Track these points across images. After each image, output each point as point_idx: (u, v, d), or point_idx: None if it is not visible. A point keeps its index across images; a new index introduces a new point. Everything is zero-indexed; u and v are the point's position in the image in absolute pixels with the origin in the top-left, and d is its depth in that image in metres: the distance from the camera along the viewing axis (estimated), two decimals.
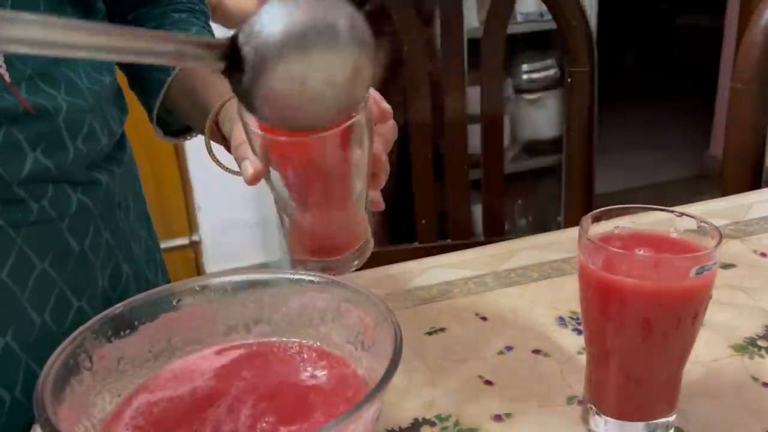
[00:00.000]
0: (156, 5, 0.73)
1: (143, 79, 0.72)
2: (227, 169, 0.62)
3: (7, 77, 0.53)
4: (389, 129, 0.54)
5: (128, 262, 0.67)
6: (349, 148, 0.47)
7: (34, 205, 0.55)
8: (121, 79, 0.70)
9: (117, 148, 0.66)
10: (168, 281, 0.78)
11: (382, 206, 0.55)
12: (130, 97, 0.76)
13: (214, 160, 0.63)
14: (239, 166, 0.52)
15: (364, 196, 0.52)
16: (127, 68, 0.74)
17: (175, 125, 0.76)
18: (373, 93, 0.50)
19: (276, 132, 0.45)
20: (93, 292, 0.62)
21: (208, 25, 0.76)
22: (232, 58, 0.32)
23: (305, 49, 0.32)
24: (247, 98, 0.33)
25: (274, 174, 0.49)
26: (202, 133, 0.68)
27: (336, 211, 0.52)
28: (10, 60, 0.53)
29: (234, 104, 0.60)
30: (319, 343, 0.45)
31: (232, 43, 0.32)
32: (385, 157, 0.53)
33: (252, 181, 0.50)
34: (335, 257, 0.53)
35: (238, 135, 0.53)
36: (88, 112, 0.59)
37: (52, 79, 0.56)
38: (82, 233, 0.60)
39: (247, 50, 0.32)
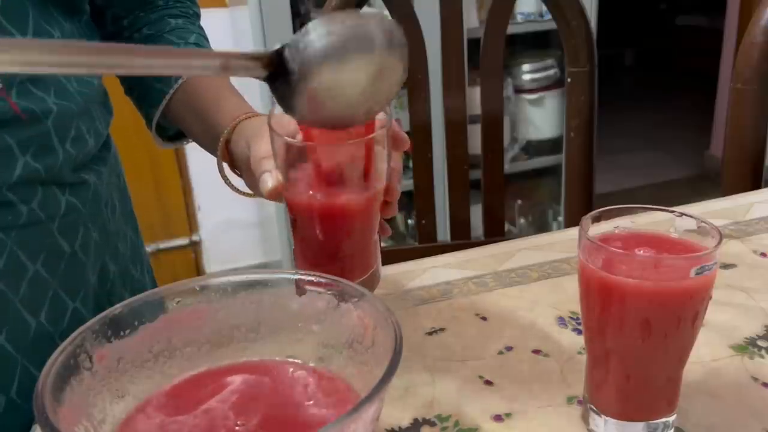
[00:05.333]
0: (152, 10, 0.72)
1: (142, 89, 0.72)
2: (237, 190, 0.64)
3: None
4: (399, 162, 0.55)
5: (114, 261, 0.67)
6: (372, 161, 0.50)
7: (24, 208, 0.55)
8: (107, 81, 0.70)
9: (102, 148, 0.66)
10: (153, 280, 0.78)
11: (389, 232, 0.58)
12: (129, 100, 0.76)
13: (226, 183, 0.64)
14: (258, 179, 0.53)
15: (377, 223, 0.54)
16: (123, 76, 0.74)
17: (171, 130, 0.76)
18: (394, 122, 0.53)
19: (308, 135, 0.50)
20: (86, 292, 0.62)
21: (202, 28, 0.76)
22: (276, 67, 0.38)
23: (343, 61, 0.39)
24: (287, 101, 0.39)
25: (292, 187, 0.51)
26: (206, 147, 0.69)
27: (351, 233, 0.53)
28: None
29: (245, 124, 0.61)
30: (318, 346, 0.45)
31: (278, 56, 0.38)
32: (398, 188, 0.54)
33: (271, 194, 0.51)
34: None
35: (260, 149, 0.54)
36: (77, 115, 0.59)
37: (42, 83, 0.56)
38: (72, 234, 0.60)
39: (293, 63, 0.38)
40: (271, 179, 0.51)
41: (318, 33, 0.38)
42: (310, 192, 0.50)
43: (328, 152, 0.51)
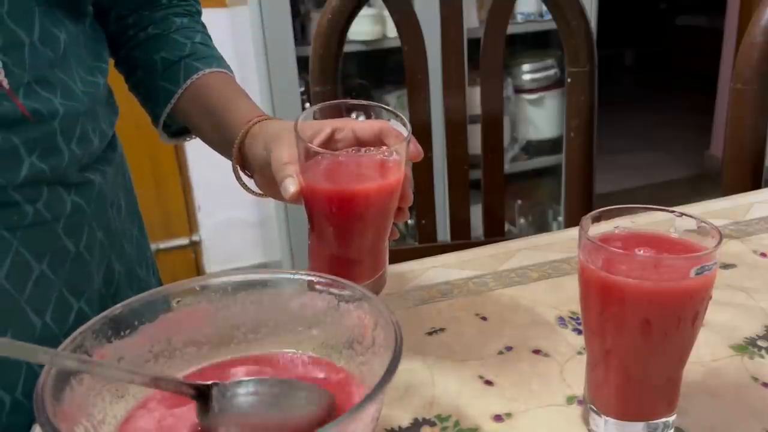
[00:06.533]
0: (156, 8, 0.73)
1: (149, 87, 0.72)
2: (250, 190, 0.65)
3: (5, 84, 0.53)
4: (409, 169, 0.57)
5: (120, 261, 0.67)
6: (390, 169, 0.52)
7: (29, 208, 0.55)
8: (111, 79, 0.70)
9: (108, 148, 0.67)
10: (159, 279, 0.78)
11: (397, 235, 0.59)
12: (131, 99, 0.76)
13: (239, 182, 0.66)
14: (280, 184, 0.54)
15: (390, 228, 0.56)
16: (129, 74, 0.74)
17: (175, 126, 0.76)
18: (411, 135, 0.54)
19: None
20: (91, 292, 0.62)
21: (204, 26, 0.77)
22: (203, 399, 0.39)
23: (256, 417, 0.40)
24: (207, 421, 0.39)
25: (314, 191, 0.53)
26: (214, 146, 0.70)
27: (366, 235, 0.55)
28: (9, 66, 0.53)
29: (261, 128, 0.62)
30: (318, 346, 0.45)
31: (207, 389, 0.39)
32: (411, 195, 0.56)
33: (293, 198, 0.53)
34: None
35: (282, 154, 0.55)
36: (82, 115, 0.60)
37: (48, 84, 0.56)
38: (78, 234, 0.60)
39: (215, 402, 0.39)
40: (293, 185, 0.53)
41: (246, 390, 0.40)
42: (329, 197, 0.52)
43: (349, 159, 0.53)
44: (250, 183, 0.66)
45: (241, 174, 0.65)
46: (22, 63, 0.54)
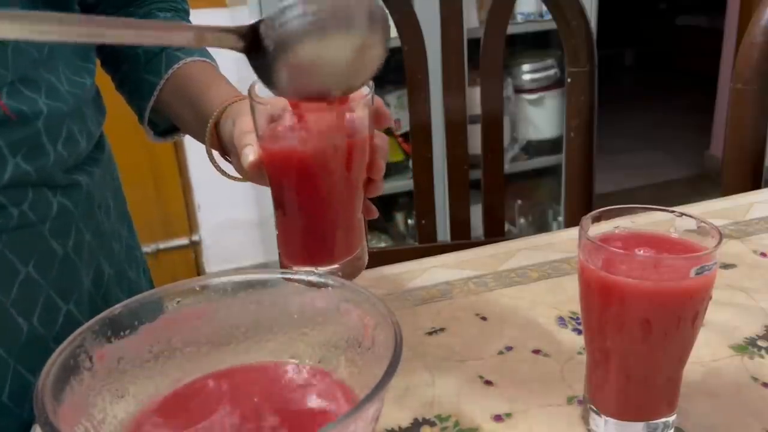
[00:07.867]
0: (140, 5, 0.73)
1: (133, 82, 0.72)
2: (227, 175, 0.63)
3: None
4: (385, 140, 0.55)
5: (109, 262, 0.67)
6: (351, 131, 0.49)
7: (14, 210, 0.55)
8: (101, 80, 0.70)
9: (95, 149, 0.66)
10: (150, 280, 0.78)
11: (375, 214, 0.57)
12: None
13: (214, 166, 0.64)
14: (240, 154, 0.52)
15: (361, 200, 0.53)
16: (115, 71, 0.74)
17: (162, 125, 0.76)
18: (377, 98, 0.52)
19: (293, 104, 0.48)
20: (80, 294, 0.61)
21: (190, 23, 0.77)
22: (252, 41, 0.38)
23: (320, 41, 0.39)
24: (264, 75, 0.39)
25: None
26: (196, 136, 0.69)
27: (332, 205, 0.52)
28: None
29: (233, 106, 0.60)
30: (318, 346, 0.45)
31: (253, 31, 0.38)
32: (383, 165, 0.53)
33: (252, 166, 0.51)
34: (328, 265, 0.53)
35: (243, 124, 0.54)
36: (68, 115, 0.59)
37: (33, 84, 0.56)
38: (65, 236, 0.59)
39: (267, 40, 0.38)
40: (252, 153, 0.51)
41: (294, 13, 0.38)
42: (287, 160, 0.50)
43: (305, 118, 0.49)
44: (229, 168, 0.63)
45: (216, 156, 0.63)
46: (5, 62, 0.54)
